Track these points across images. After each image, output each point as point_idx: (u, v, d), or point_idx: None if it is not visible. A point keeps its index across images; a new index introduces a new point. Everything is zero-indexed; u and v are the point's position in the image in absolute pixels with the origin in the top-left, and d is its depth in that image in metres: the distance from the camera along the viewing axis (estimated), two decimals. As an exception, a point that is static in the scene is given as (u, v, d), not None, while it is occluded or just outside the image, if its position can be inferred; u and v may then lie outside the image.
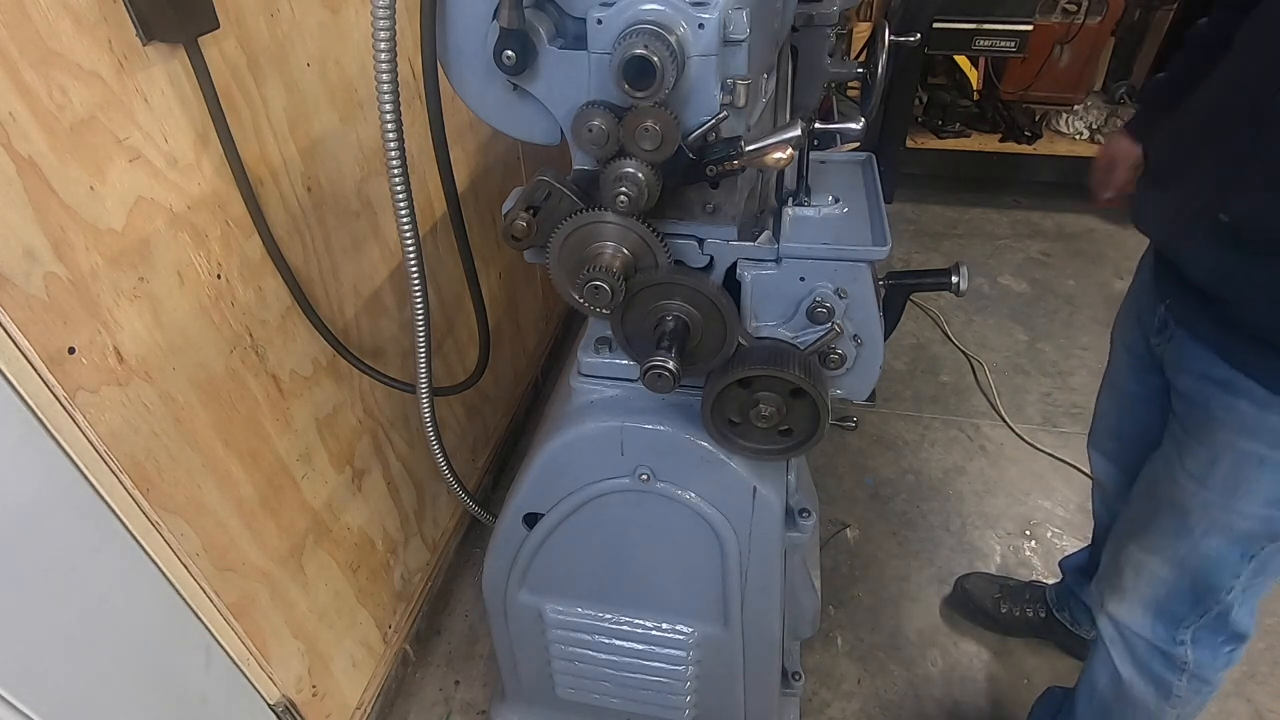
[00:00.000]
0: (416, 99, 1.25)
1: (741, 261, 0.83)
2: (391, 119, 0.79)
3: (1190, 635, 1.03)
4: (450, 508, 1.75)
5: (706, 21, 0.64)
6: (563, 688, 1.29)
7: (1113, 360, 1.24)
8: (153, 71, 0.82)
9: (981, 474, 2.03)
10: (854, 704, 1.54)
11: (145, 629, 0.93)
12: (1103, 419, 1.31)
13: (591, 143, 0.70)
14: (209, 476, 0.98)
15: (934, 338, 2.52)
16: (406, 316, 1.42)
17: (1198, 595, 1.00)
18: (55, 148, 0.73)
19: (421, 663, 1.62)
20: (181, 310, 0.91)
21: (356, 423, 1.31)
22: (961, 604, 1.68)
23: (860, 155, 1.02)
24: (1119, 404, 1.24)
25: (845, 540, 1.87)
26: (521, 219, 0.77)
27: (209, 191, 0.92)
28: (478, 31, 0.73)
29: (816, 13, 0.96)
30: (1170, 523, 1.00)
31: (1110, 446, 1.31)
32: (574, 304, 0.83)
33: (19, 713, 0.78)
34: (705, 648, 1.16)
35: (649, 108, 0.66)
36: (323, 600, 1.26)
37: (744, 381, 0.84)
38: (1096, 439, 1.35)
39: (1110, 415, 1.28)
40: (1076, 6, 2.68)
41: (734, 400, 0.86)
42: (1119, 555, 1.10)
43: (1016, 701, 1.54)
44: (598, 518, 1.04)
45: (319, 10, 1.08)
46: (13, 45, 0.68)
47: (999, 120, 3.10)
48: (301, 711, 1.23)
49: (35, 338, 0.73)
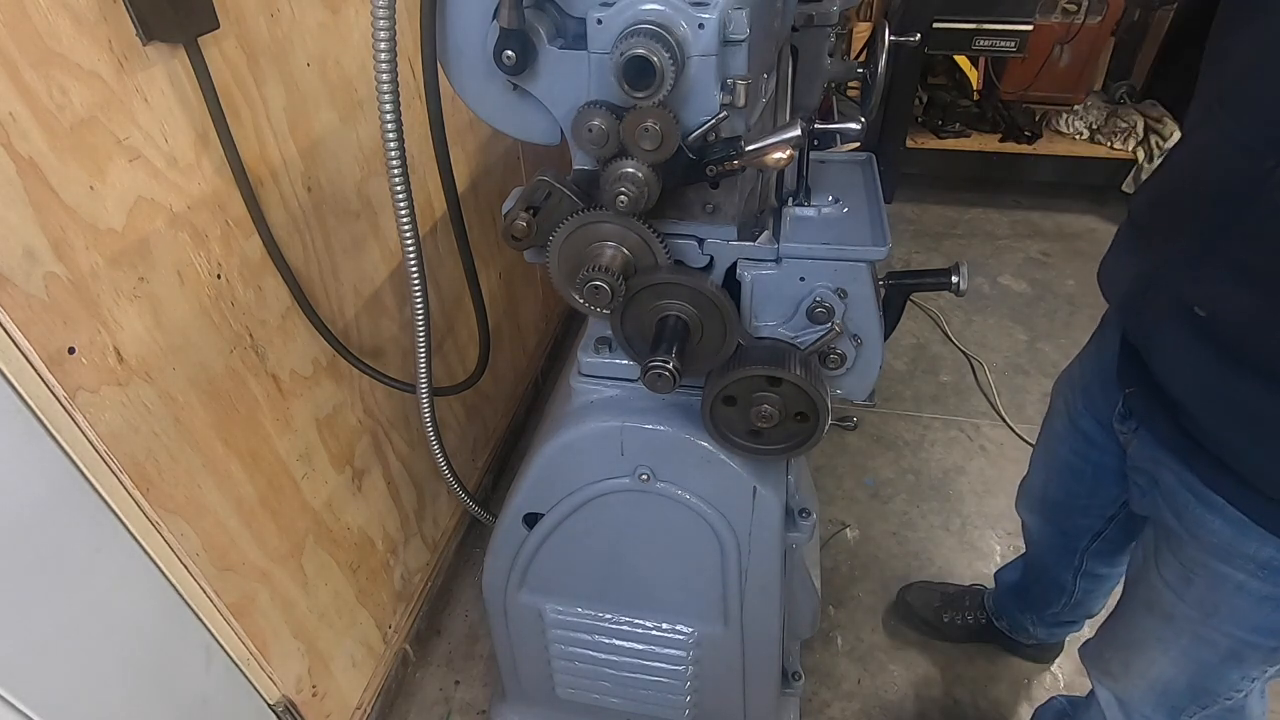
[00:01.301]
0: (416, 99, 1.25)
1: (741, 261, 0.83)
2: (391, 119, 0.79)
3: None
4: (450, 508, 1.75)
5: (706, 21, 0.64)
6: (563, 688, 1.29)
7: (1050, 418, 1.15)
8: (153, 71, 0.82)
9: (981, 474, 2.03)
10: (854, 704, 1.54)
11: (145, 629, 0.93)
12: (1033, 477, 1.23)
13: (591, 143, 0.70)
14: (209, 476, 0.98)
15: (934, 338, 2.52)
16: (406, 316, 1.42)
17: (1196, 694, 0.91)
18: (55, 148, 0.73)
19: (421, 663, 1.62)
20: (181, 310, 0.91)
21: (356, 423, 1.31)
22: (905, 616, 1.66)
23: (860, 155, 1.02)
24: (1048, 467, 1.16)
25: (845, 540, 1.87)
26: (521, 219, 0.77)
27: (209, 191, 0.92)
28: (478, 31, 0.73)
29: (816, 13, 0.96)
30: (1155, 625, 0.91)
31: (1038, 505, 1.23)
32: (574, 304, 0.83)
33: (19, 713, 0.78)
34: (705, 648, 1.16)
35: (649, 108, 0.66)
36: (323, 600, 1.26)
37: (744, 381, 0.84)
38: (1024, 498, 1.26)
39: (1039, 477, 1.20)
40: (1076, 6, 2.68)
41: (734, 400, 0.86)
42: (1105, 646, 1.02)
43: (1017, 703, 1.54)
44: (598, 518, 1.04)
45: (319, 10, 1.08)
46: (13, 45, 0.68)
47: (999, 120, 3.10)
48: (301, 711, 1.23)
49: (35, 338, 0.73)
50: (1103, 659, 1.04)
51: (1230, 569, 0.79)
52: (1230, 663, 0.86)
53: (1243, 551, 0.77)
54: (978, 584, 1.67)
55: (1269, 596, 0.78)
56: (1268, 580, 0.77)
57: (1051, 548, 1.27)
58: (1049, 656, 1.58)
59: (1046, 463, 1.17)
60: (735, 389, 0.85)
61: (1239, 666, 0.86)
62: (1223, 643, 0.84)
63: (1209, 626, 0.84)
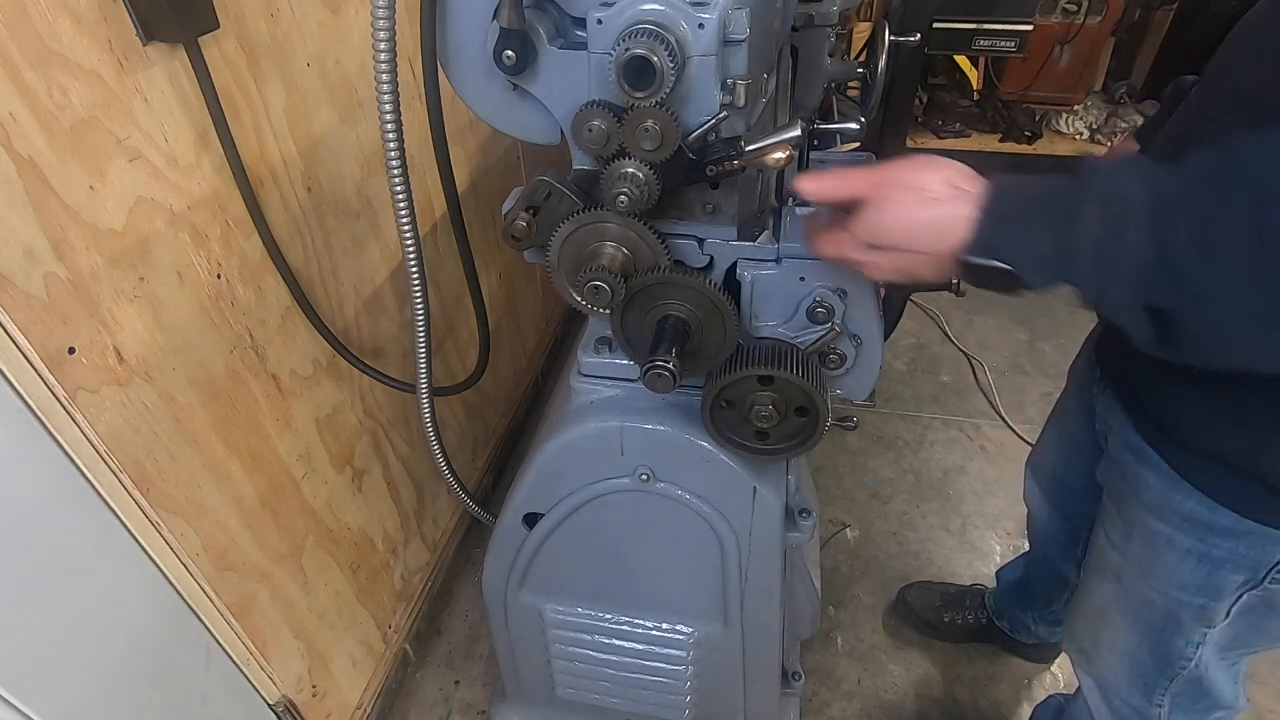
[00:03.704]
0: (416, 99, 1.25)
1: (741, 261, 0.83)
2: (391, 119, 0.79)
3: (1168, 701, 0.97)
4: (450, 508, 1.75)
5: (706, 21, 0.64)
6: (563, 688, 1.29)
7: (1064, 395, 1.18)
8: (153, 71, 0.82)
9: (981, 474, 2.03)
10: (854, 704, 1.54)
11: (145, 629, 0.93)
12: (1045, 450, 1.25)
13: (591, 142, 0.70)
14: (209, 476, 0.98)
15: (934, 338, 2.52)
16: (406, 316, 1.42)
17: (1160, 662, 0.93)
18: (55, 148, 0.73)
19: (421, 663, 1.62)
20: (181, 310, 0.91)
21: (356, 423, 1.31)
22: (905, 616, 1.67)
23: (860, 155, 1.02)
24: (1060, 444, 1.18)
25: (845, 540, 1.87)
26: (521, 219, 0.77)
27: (209, 191, 0.92)
28: (478, 31, 0.73)
29: (816, 13, 0.96)
30: (1109, 589, 0.95)
31: (1046, 484, 1.25)
32: (574, 304, 0.83)
33: (19, 713, 0.78)
34: (705, 648, 1.16)
35: (649, 108, 0.66)
36: (323, 600, 1.26)
37: (744, 381, 0.84)
38: (1036, 467, 1.28)
39: (1052, 452, 1.22)
40: (1076, 6, 2.68)
41: (734, 400, 0.86)
42: (1075, 621, 1.05)
43: (1017, 702, 1.54)
44: (598, 518, 1.04)
45: (319, 10, 1.08)
46: (13, 45, 0.68)
47: (999, 120, 3.09)
48: (301, 711, 1.23)
49: (35, 338, 0.73)
50: (1075, 635, 1.06)
51: (1161, 524, 0.83)
52: (1171, 626, 0.89)
53: (1170, 505, 0.81)
54: (978, 584, 1.67)
55: (1191, 550, 0.81)
56: (1190, 534, 0.81)
57: (1055, 537, 1.28)
58: (1049, 656, 1.58)
59: (1058, 436, 1.20)
60: (734, 389, 0.85)
61: (1179, 629, 0.88)
62: (1159, 602, 0.88)
63: (1147, 585, 0.88)
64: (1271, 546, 0.77)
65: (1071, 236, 0.57)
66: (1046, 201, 0.59)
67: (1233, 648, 0.90)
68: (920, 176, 0.63)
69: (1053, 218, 0.58)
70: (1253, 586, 0.81)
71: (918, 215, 0.62)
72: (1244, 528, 0.76)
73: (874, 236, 0.64)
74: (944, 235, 0.61)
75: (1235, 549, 0.79)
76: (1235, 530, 0.77)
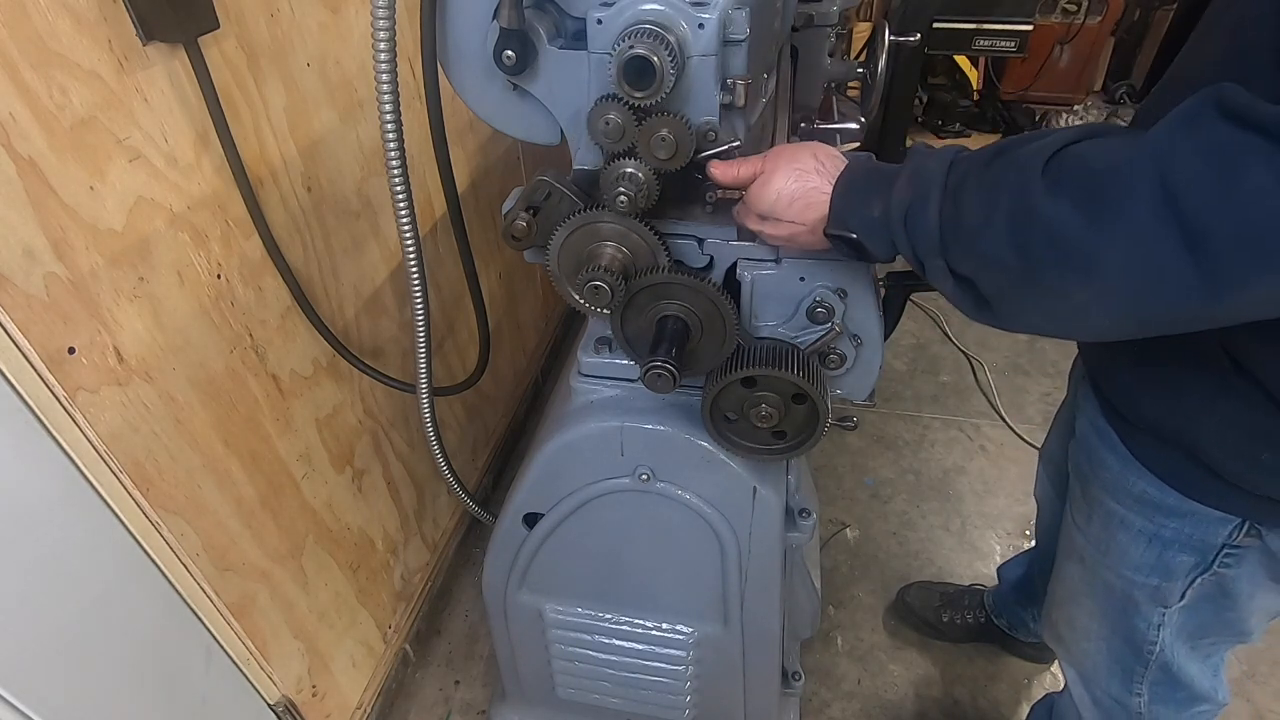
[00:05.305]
0: (416, 99, 1.25)
1: (741, 261, 0.83)
2: (391, 119, 0.79)
3: (1146, 691, 0.96)
4: (450, 508, 1.75)
5: (706, 21, 0.64)
6: (563, 688, 1.29)
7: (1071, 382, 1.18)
8: (153, 71, 0.82)
9: (981, 474, 2.03)
10: (854, 704, 1.54)
11: (145, 629, 0.93)
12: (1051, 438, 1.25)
13: (606, 135, 0.69)
14: (209, 476, 0.98)
15: (934, 338, 2.52)
16: (406, 316, 1.42)
17: (1130, 647, 0.94)
18: (55, 148, 0.73)
19: (421, 663, 1.62)
20: (181, 310, 0.91)
21: (356, 423, 1.31)
22: (905, 616, 1.67)
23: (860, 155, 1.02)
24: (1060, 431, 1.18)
25: (845, 540, 1.87)
26: (521, 219, 0.77)
27: (209, 191, 0.92)
28: (478, 31, 0.73)
29: (816, 13, 0.96)
30: (1076, 571, 0.96)
31: (1052, 472, 1.25)
32: (574, 304, 0.83)
33: (19, 713, 0.78)
34: (705, 648, 1.16)
35: (665, 117, 0.66)
36: (323, 600, 1.26)
37: (744, 381, 0.84)
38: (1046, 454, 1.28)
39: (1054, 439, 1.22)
40: (1076, 6, 2.68)
41: (734, 400, 0.86)
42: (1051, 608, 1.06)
43: (1017, 702, 1.54)
44: (598, 518, 1.04)
45: (319, 10, 1.08)
46: (13, 45, 0.68)
47: (999, 120, 3.10)
48: (301, 711, 1.23)
49: (35, 338, 0.73)
50: (1051, 621, 1.07)
51: (1116, 504, 0.85)
52: (1130, 607, 0.90)
53: (1124, 486, 0.83)
54: (978, 584, 1.67)
55: (1143, 530, 0.83)
56: (1141, 514, 0.83)
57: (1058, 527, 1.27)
58: (1048, 656, 1.58)
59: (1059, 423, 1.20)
60: (735, 389, 0.85)
61: (1137, 611, 0.90)
62: (1117, 584, 0.89)
63: (1105, 566, 0.90)
64: (1214, 528, 0.78)
65: (891, 206, 0.64)
66: (877, 177, 0.67)
67: (1201, 636, 0.90)
68: (798, 154, 0.71)
69: (880, 190, 0.66)
70: (1204, 571, 0.82)
71: (790, 187, 0.70)
72: (1187, 508, 0.78)
73: (758, 207, 0.72)
74: (810, 207, 0.69)
75: (1181, 529, 0.80)
76: (1179, 510, 0.79)
